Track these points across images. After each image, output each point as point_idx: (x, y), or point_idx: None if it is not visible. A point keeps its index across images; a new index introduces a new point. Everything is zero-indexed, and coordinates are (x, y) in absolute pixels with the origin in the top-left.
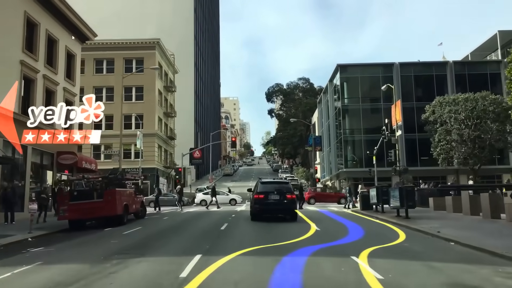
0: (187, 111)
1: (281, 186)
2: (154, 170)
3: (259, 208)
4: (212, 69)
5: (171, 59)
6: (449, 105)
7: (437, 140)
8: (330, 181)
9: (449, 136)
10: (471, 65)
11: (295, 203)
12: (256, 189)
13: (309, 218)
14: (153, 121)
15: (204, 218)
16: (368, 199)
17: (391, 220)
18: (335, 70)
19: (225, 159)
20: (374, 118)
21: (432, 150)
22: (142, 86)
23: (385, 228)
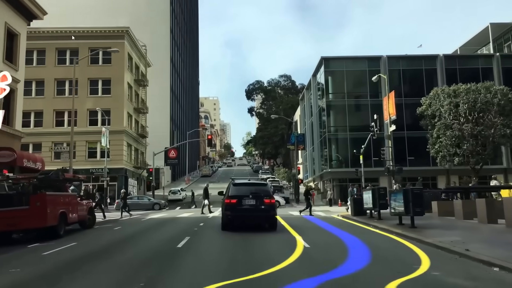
0: (162, 108)
1: (258, 189)
2: (122, 170)
3: (231, 215)
4: (190, 66)
5: (142, 50)
6: (449, 97)
7: (435, 136)
8: (314, 182)
9: (449, 131)
10: (462, 59)
11: (274, 209)
12: (227, 193)
13: (292, 227)
14: (121, 117)
15: (165, 228)
16: (361, 203)
17: (394, 231)
18: (319, 63)
19: (204, 160)
20: (360, 114)
21: (429, 147)
22: (110, 78)
23: (393, 243)
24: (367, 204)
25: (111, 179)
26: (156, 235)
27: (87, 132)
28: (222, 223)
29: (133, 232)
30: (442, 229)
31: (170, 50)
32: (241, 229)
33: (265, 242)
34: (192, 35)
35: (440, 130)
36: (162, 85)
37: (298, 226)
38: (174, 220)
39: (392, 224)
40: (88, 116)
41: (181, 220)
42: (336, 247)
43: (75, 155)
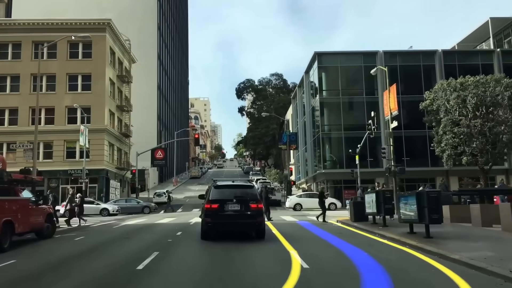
0: (149, 107)
1: (243, 192)
2: (103, 171)
3: (211, 223)
4: (179, 66)
5: (126, 45)
6: (456, 90)
7: (441, 133)
8: (306, 184)
9: (456, 127)
10: (462, 54)
11: (262, 215)
12: (207, 196)
13: (285, 236)
14: (102, 115)
15: (136, 238)
16: (363, 207)
17: (407, 242)
18: (312, 59)
19: (194, 161)
20: (355, 113)
21: (433, 145)
22: (90, 74)
23: (412, 260)
24: (369, 208)
25: (91, 180)
26: (119, 249)
27: (65, 130)
28: (202, 231)
29: (93, 245)
30: (463, 239)
31: (158, 47)
32: (224, 238)
33: (251, 260)
34: (181, 34)
35: (446, 126)
36: (149, 83)
37: (291, 235)
38: (151, 227)
39: (401, 232)
40: (66, 114)
41: (158, 228)
42: (343, 267)
43: (52, 155)
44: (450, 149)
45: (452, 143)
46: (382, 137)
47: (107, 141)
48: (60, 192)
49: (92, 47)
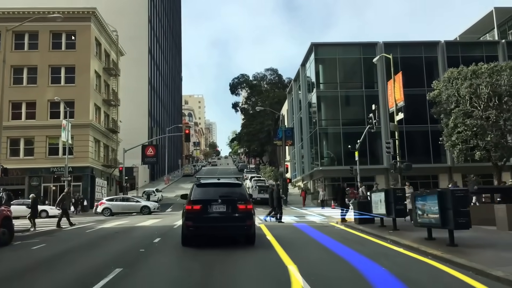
0: (140, 102)
1: (229, 191)
2: (88, 169)
3: (193, 227)
4: (172, 61)
5: (114, 36)
6: (468, 79)
7: (451, 125)
8: (303, 182)
9: (469, 120)
10: (465, 46)
11: (251, 217)
12: (189, 196)
13: (280, 242)
14: (87, 109)
15: (105, 245)
16: (368, 208)
17: (430, 251)
18: (309, 51)
19: (188, 159)
20: (354, 107)
21: (442, 139)
22: (74, 66)
23: (447, 279)
24: (377, 209)
25: (75, 179)
26: (75, 263)
27: (48, 126)
28: (182, 237)
29: (48, 257)
30: (495, 248)
31: (149, 41)
32: (207, 245)
33: (239, 277)
34: (174, 30)
35: (458, 118)
36: (140, 77)
37: (287, 239)
38: (129, 231)
39: (417, 238)
40: (49, 108)
41: (136, 232)
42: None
43: (33, 152)
44: (461, 143)
45: (464, 137)
46: (382, 132)
47: (92, 136)
48: (42, 191)
49: (76, 38)
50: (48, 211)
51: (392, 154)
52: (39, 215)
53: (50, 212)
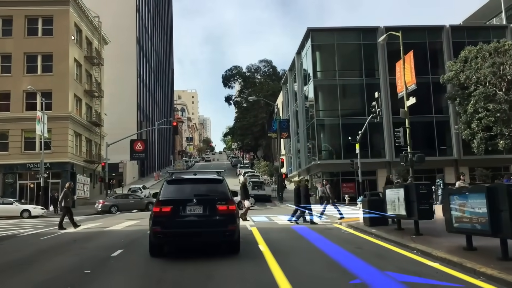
0: (128, 95)
1: (208, 188)
2: (68, 165)
3: (162, 233)
4: (164, 54)
5: (96, 23)
6: (490, 57)
7: (471, 110)
8: (299, 177)
9: (492, 104)
10: (472, 31)
11: (234, 221)
12: (158, 195)
13: (276, 255)
14: (65, 100)
15: (45, 261)
16: (381, 207)
17: (479, 269)
18: (305, 36)
19: (181, 155)
20: (354, 96)
21: (459, 128)
22: (51, 53)
23: None
24: (393, 209)
25: (54, 175)
26: None
27: (23, 118)
28: (150, 246)
29: None
30: None
31: (137, 31)
32: (179, 256)
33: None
34: (165, 22)
35: (478, 102)
36: (128, 69)
37: (284, 250)
38: (92, 237)
39: (452, 248)
40: (24, 99)
41: (99, 239)
42: None
43: (8, 147)
44: (482, 131)
45: (486, 123)
46: (384, 123)
47: (72, 130)
48: (17, 189)
49: (54, 23)
50: (30, 211)
51: (402, 145)
52: (20, 215)
53: (33, 211)
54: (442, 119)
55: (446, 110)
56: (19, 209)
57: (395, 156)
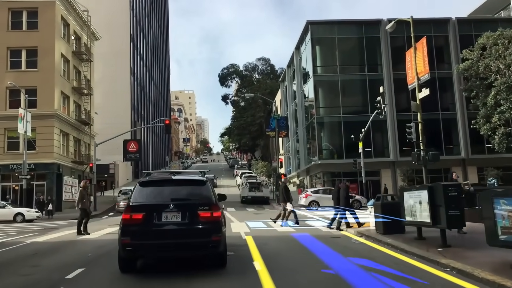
0: (121, 94)
1: (188, 192)
2: (54, 166)
3: (132, 246)
4: (159, 53)
5: (85, 17)
6: None
7: (492, 103)
8: (298, 178)
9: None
10: (480, 24)
11: (219, 229)
12: (128, 201)
13: (271, 270)
14: (51, 97)
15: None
16: (397, 211)
17: None
18: (304, 30)
19: (178, 156)
20: (356, 93)
21: (476, 123)
22: (36, 48)
23: None
24: (412, 214)
25: (38, 177)
26: None
27: (6, 116)
28: (119, 260)
29: None
30: None
31: (130, 28)
32: (155, 272)
33: None
34: (161, 20)
35: (500, 93)
36: (121, 67)
37: (286, 268)
38: (58, 249)
39: (496, 266)
40: (7, 96)
41: (63, 252)
42: None
43: None
44: (503, 125)
45: (509, 117)
46: (388, 121)
47: (58, 129)
48: (0, 191)
49: (39, 16)
50: (24, 214)
51: (414, 141)
52: (13, 219)
53: (27, 215)
54: (448, 116)
55: (453, 107)
56: (12, 213)
57: (400, 155)
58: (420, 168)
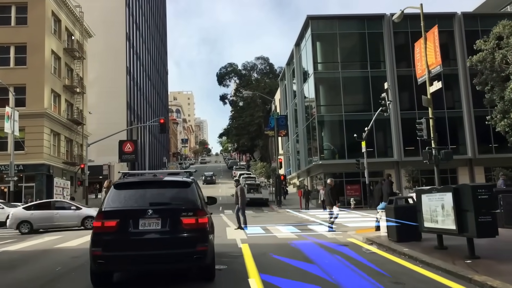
0: (117, 93)
1: (169, 195)
2: (44, 167)
3: (105, 258)
4: (156, 52)
5: (77, 13)
6: None
7: (510, 96)
8: (298, 179)
9: None
10: (486, 18)
11: (206, 238)
12: (102, 204)
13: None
14: (41, 95)
15: None
16: (413, 215)
17: None
18: (304, 25)
19: (176, 157)
20: (358, 90)
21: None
22: (25, 44)
23: None
24: (432, 220)
25: (27, 179)
26: None
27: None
28: (91, 274)
29: None
30: None
31: (126, 26)
32: None
33: None
34: (158, 19)
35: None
36: (116, 66)
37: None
38: (35, 257)
39: None
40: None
41: (42, 261)
42: None
43: None
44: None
45: None
46: (392, 119)
47: (48, 128)
48: None
49: (28, 11)
50: None
51: (425, 139)
52: None
53: None
54: (454, 115)
55: (459, 104)
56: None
57: (404, 155)
58: (425, 168)
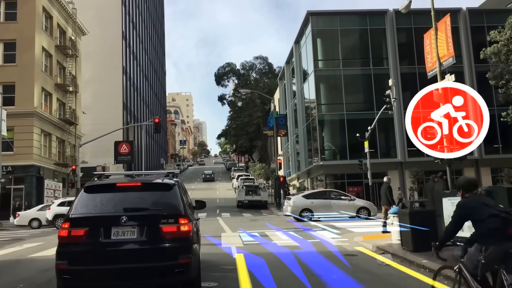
0: (113, 93)
1: (148, 199)
2: (34, 168)
3: (71, 273)
4: (154, 52)
5: (70, 9)
6: None
7: None
8: (298, 180)
9: None
10: (492, 14)
11: (189, 249)
12: (68, 212)
13: None
14: (31, 94)
15: None
16: (430, 221)
17: None
18: (304, 21)
19: (174, 158)
20: (360, 88)
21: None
22: (15, 40)
23: None
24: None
25: (16, 180)
26: None
27: None
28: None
29: None
30: None
31: (122, 24)
32: None
33: None
34: (156, 19)
35: None
36: (112, 65)
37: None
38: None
39: None
40: None
41: (4, 276)
42: None
43: None
44: None
45: None
46: (395, 118)
47: (38, 128)
48: None
49: (18, 7)
50: (41, 220)
51: None
52: (29, 224)
53: (44, 220)
54: None
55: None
56: None
57: (408, 156)
58: (430, 169)
